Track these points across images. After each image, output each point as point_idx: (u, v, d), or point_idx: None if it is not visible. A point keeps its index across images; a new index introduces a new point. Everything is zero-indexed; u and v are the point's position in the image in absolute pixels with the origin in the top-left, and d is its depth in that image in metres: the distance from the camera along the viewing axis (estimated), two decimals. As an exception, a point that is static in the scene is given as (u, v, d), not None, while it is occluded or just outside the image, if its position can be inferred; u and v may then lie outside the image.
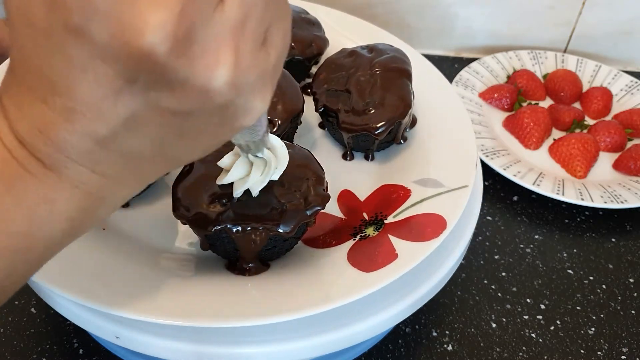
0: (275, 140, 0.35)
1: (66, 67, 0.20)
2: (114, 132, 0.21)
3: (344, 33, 0.57)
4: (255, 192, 0.36)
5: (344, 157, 0.49)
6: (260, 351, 0.36)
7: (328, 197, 0.38)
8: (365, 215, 0.43)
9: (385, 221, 0.41)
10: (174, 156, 0.24)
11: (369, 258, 0.38)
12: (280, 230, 0.36)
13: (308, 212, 0.37)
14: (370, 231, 0.41)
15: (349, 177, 0.47)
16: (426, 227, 0.39)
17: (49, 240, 0.24)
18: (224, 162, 0.35)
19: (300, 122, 0.48)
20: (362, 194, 0.45)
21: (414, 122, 0.50)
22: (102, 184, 0.23)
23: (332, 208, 0.44)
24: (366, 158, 0.48)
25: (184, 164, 0.25)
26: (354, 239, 0.40)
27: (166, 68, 0.19)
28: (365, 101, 0.46)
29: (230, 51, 0.20)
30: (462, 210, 0.41)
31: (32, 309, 0.49)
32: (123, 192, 0.25)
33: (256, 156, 0.34)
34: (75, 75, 0.20)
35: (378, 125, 0.45)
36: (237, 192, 0.35)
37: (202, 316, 0.34)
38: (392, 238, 0.39)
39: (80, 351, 0.47)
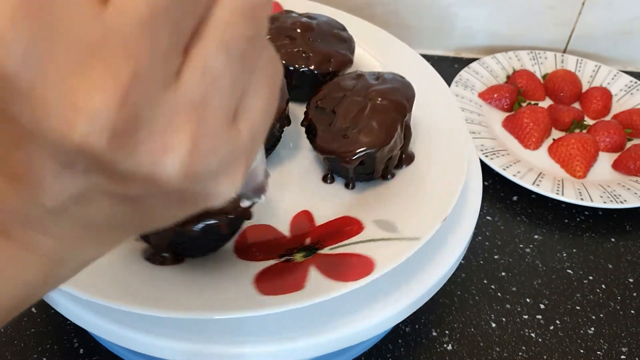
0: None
1: None
2: (63, 206, 0.19)
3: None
4: None
5: (324, 179, 0.46)
6: (260, 351, 0.36)
7: (248, 215, 0.37)
8: (308, 240, 0.41)
9: (319, 251, 0.39)
10: (135, 226, 0.21)
11: (273, 282, 0.36)
12: (183, 227, 0.36)
13: (212, 220, 0.36)
14: (298, 257, 0.39)
15: (317, 199, 0.45)
16: (354, 268, 0.37)
17: (4, 308, 0.21)
18: None
19: (289, 123, 0.47)
20: (321, 219, 0.43)
21: (409, 159, 0.46)
22: (58, 247, 0.21)
23: (283, 225, 0.42)
24: (346, 186, 0.46)
25: (150, 230, 0.22)
26: (278, 260, 0.39)
27: (104, 160, 0.17)
28: (345, 125, 0.44)
29: (184, 135, 0.17)
30: (399, 261, 0.37)
31: (32, 309, 0.49)
32: (85, 254, 0.22)
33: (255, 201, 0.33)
34: (9, 152, 0.18)
35: (348, 152, 0.42)
36: None
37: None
38: (312, 269, 0.37)
39: (81, 351, 0.47)
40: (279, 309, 0.34)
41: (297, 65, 0.49)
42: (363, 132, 0.43)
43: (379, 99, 0.44)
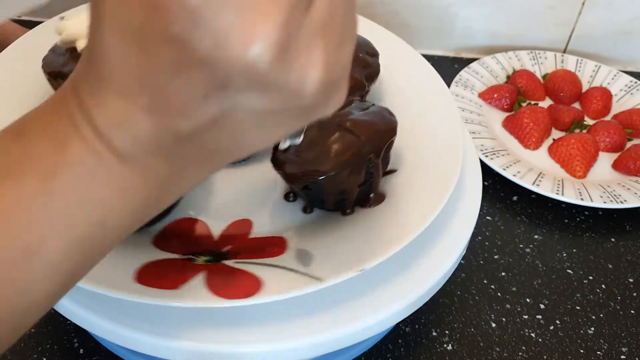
0: None
1: (156, 69, 0.20)
2: (195, 130, 0.22)
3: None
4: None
5: (285, 197, 0.44)
6: (260, 351, 0.36)
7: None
8: (227, 247, 0.40)
9: (225, 261, 0.38)
10: (244, 148, 0.24)
11: (156, 273, 0.36)
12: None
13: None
14: (200, 260, 0.38)
15: (267, 212, 0.43)
16: (237, 287, 0.35)
17: (119, 229, 0.24)
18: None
19: None
20: (257, 233, 0.42)
21: (378, 199, 0.42)
22: (172, 175, 0.24)
23: (218, 226, 0.42)
24: (303, 210, 0.43)
25: (248, 155, 0.26)
26: (181, 256, 0.38)
27: (265, 76, 0.20)
28: (304, 147, 0.40)
29: (320, 52, 0.21)
30: (282, 297, 0.35)
31: (32, 309, 0.49)
32: (189, 182, 0.26)
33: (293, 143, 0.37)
34: (165, 78, 0.20)
35: (290, 174, 0.40)
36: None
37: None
38: (200, 275, 0.36)
39: (81, 351, 0.47)
40: (138, 299, 0.34)
41: None
42: (313, 158, 0.39)
43: (350, 129, 0.40)
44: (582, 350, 0.51)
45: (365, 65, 0.49)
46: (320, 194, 0.41)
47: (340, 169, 0.39)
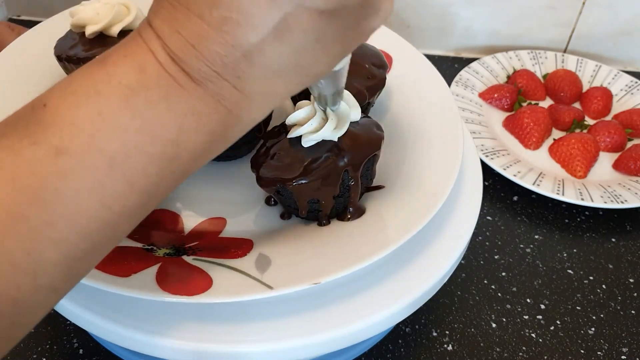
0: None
1: None
2: (263, 41, 0.24)
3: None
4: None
5: (267, 201, 0.44)
6: (260, 351, 0.36)
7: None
8: (194, 243, 0.40)
9: (184, 256, 0.38)
10: (305, 68, 0.26)
11: (112, 259, 0.36)
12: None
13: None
14: (160, 252, 0.38)
15: (243, 214, 0.43)
16: (187, 284, 0.35)
17: (192, 152, 0.26)
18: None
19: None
20: (228, 233, 0.41)
21: (357, 212, 0.41)
22: (241, 101, 0.26)
23: (192, 221, 0.42)
24: (281, 216, 0.43)
25: (311, 81, 0.27)
26: (143, 245, 0.39)
27: None
28: (283, 152, 0.40)
29: None
30: (228, 299, 0.35)
31: (32, 309, 0.49)
32: (257, 112, 0.27)
33: (332, 110, 0.37)
34: None
35: (260, 177, 0.40)
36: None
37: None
38: (154, 267, 0.36)
39: (80, 351, 0.47)
40: (84, 281, 0.34)
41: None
42: (286, 164, 0.39)
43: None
44: (582, 351, 0.51)
45: (369, 76, 0.47)
46: (291, 201, 0.40)
47: (309, 178, 0.38)
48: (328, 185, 0.39)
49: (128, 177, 0.24)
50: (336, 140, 0.38)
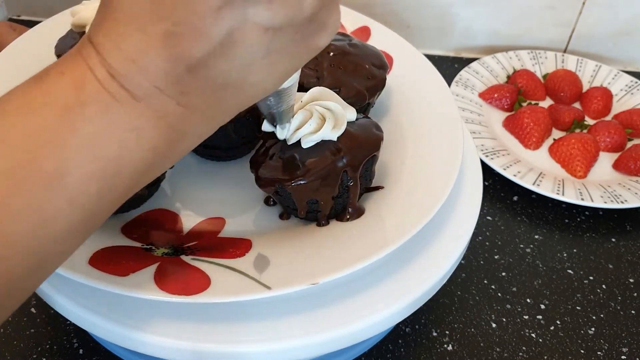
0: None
1: None
2: (208, 54, 0.23)
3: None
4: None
5: (266, 201, 0.44)
6: (260, 351, 0.36)
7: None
8: (193, 243, 0.40)
9: (183, 256, 0.38)
10: (253, 84, 0.26)
11: (109, 259, 0.36)
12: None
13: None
14: (159, 251, 0.38)
15: (243, 214, 0.43)
16: (185, 283, 0.35)
17: (134, 169, 0.25)
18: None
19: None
20: (227, 231, 0.41)
21: (356, 213, 0.41)
22: (185, 117, 0.25)
23: (191, 221, 0.42)
24: (280, 216, 0.43)
25: (259, 97, 0.27)
26: (141, 245, 0.39)
27: None
28: (281, 151, 0.40)
29: None
30: (225, 299, 0.35)
31: (32, 309, 0.49)
32: (202, 128, 0.27)
33: (281, 129, 0.37)
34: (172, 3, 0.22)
35: (258, 177, 0.40)
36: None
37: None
38: (152, 267, 0.36)
39: (80, 351, 0.47)
40: (83, 280, 0.35)
41: (303, 83, 0.46)
42: (284, 164, 0.39)
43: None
44: (582, 351, 0.51)
45: (369, 76, 0.47)
46: (289, 202, 0.40)
47: (308, 179, 0.38)
48: (327, 185, 0.38)
49: (67, 194, 0.24)
50: (335, 140, 0.38)
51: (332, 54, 0.46)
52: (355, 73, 0.46)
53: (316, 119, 0.38)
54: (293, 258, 0.38)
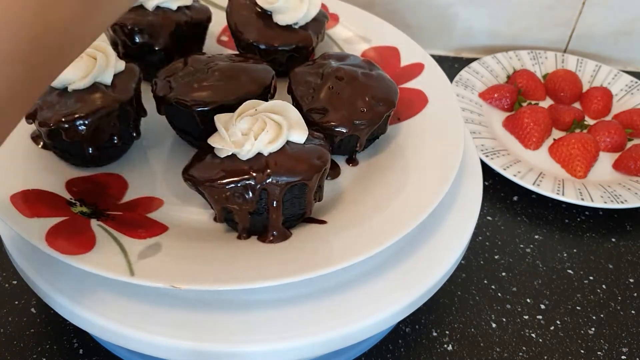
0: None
1: None
2: None
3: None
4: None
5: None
6: (260, 351, 0.36)
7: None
8: (112, 212, 0.40)
9: (93, 219, 0.38)
10: None
11: (28, 199, 0.37)
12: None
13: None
14: (76, 208, 0.39)
15: (188, 202, 0.42)
16: (74, 242, 0.36)
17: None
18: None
19: (273, 95, 0.46)
20: (158, 214, 0.41)
21: (264, 234, 0.39)
22: None
23: (137, 190, 0.42)
24: (214, 218, 0.41)
25: None
26: (67, 197, 0.40)
27: None
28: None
29: None
30: (87, 269, 0.35)
31: (32, 309, 0.49)
32: None
33: None
34: None
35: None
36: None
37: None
38: (57, 218, 0.37)
39: (80, 351, 0.47)
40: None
41: (298, 98, 0.46)
42: (209, 167, 0.38)
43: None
44: (582, 351, 0.51)
45: (364, 108, 0.45)
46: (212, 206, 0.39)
47: (219, 183, 0.37)
48: (241, 198, 0.37)
49: None
50: (266, 154, 0.37)
51: (338, 77, 0.45)
52: (350, 101, 0.44)
53: (259, 124, 0.37)
54: (190, 257, 0.37)
